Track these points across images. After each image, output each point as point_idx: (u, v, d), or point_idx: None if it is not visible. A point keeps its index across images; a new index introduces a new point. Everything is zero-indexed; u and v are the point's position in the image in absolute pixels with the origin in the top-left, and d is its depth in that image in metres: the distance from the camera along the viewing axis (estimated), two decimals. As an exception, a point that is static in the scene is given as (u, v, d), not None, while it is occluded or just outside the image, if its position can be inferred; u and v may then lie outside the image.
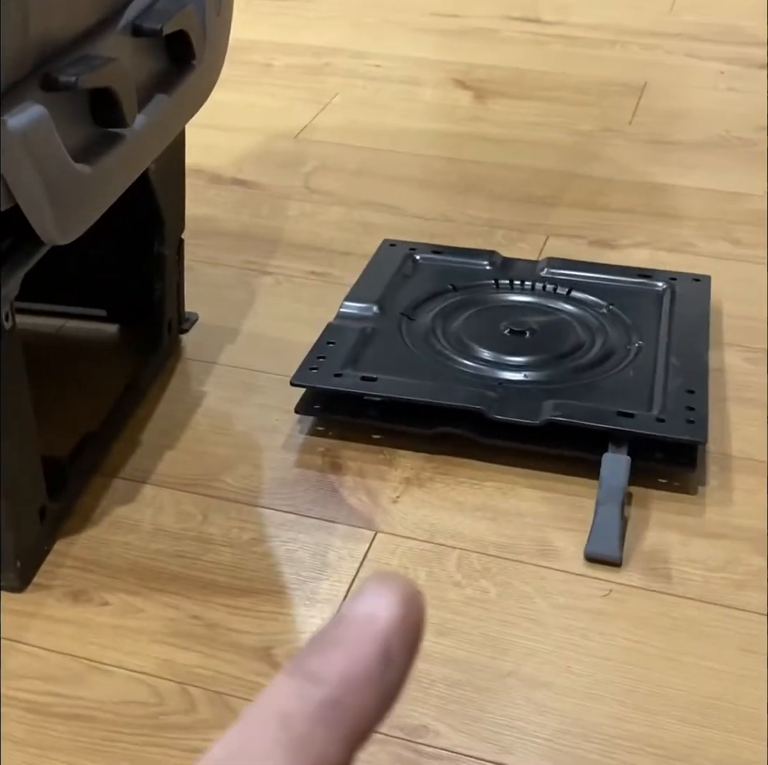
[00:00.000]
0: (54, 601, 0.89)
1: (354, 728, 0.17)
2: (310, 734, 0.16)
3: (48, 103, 0.75)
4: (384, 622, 0.17)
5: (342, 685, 0.17)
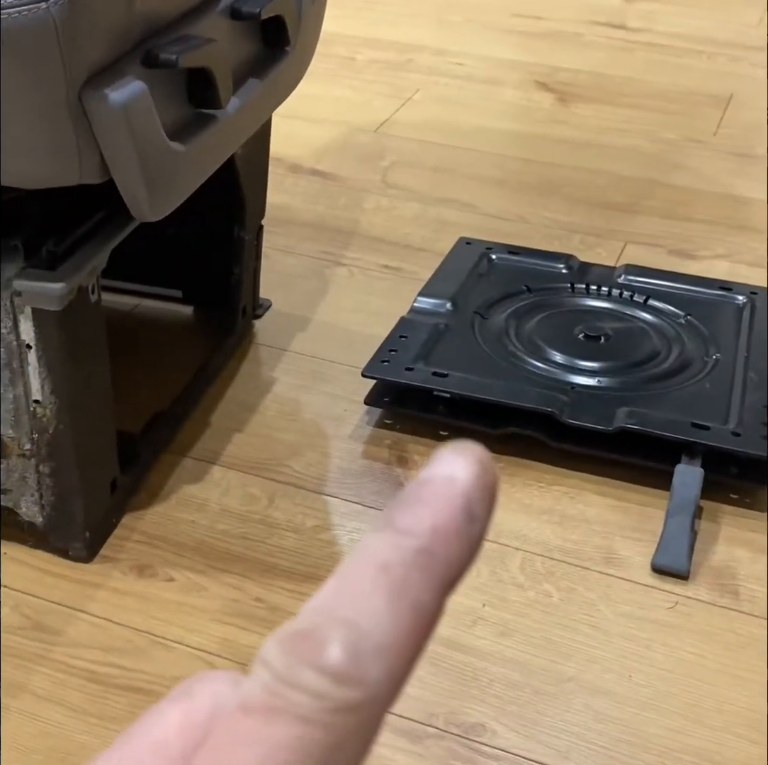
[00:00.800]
0: (119, 574, 0.90)
1: (444, 576, 0.18)
2: (408, 579, 0.17)
3: (147, 79, 0.76)
4: (464, 481, 0.18)
5: (433, 536, 0.17)
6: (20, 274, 0.78)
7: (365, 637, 0.17)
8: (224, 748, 0.17)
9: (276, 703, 0.16)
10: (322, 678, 0.16)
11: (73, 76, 0.69)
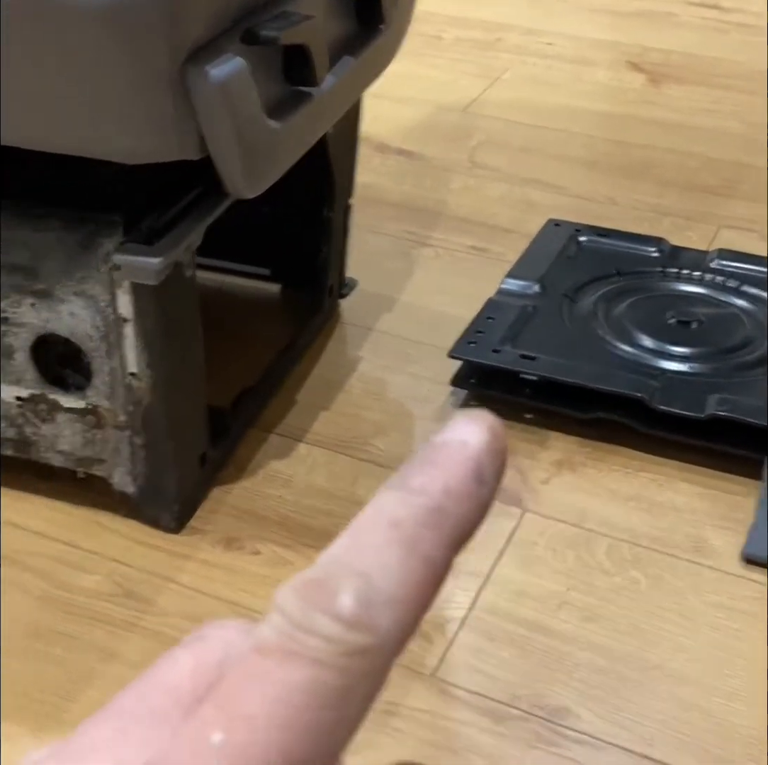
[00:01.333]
0: (207, 546, 0.91)
1: (454, 535, 0.18)
2: (419, 535, 0.18)
3: (246, 56, 0.76)
4: (476, 446, 0.19)
5: (445, 496, 0.18)
6: (119, 249, 0.80)
7: (377, 588, 0.17)
8: (239, 686, 0.17)
9: (291, 646, 0.17)
10: (336, 624, 0.17)
11: (175, 52, 0.70)
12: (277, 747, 0.17)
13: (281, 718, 0.17)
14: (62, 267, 0.81)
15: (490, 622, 0.85)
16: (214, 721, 0.17)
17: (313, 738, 0.17)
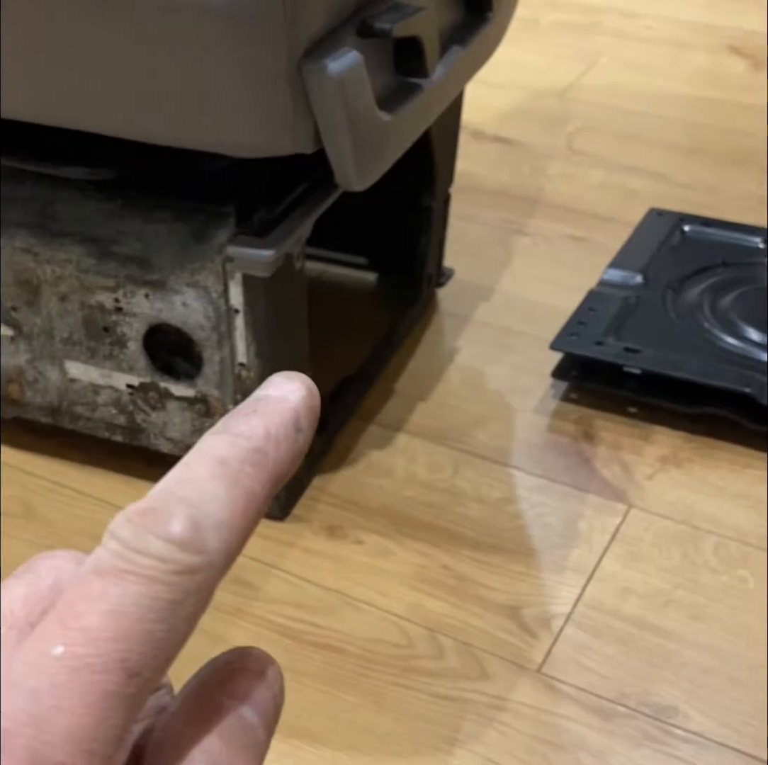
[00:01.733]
0: (311, 534, 0.92)
1: (273, 473, 0.20)
2: (242, 471, 0.20)
3: (361, 49, 0.76)
4: (294, 400, 0.21)
5: (266, 439, 0.20)
6: (232, 241, 0.81)
7: (205, 513, 0.19)
8: (77, 604, 0.18)
9: (126, 566, 0.18)
10: (167, 545, 0.18)
11: (294, 47, 0.70)
12: (114, 656, 0.18)
13: (117, 629, 0.18)
14: (175, 258, 0.82)
15: (596, 619, 0.84)
16: (54, 636, 0.18)
17: (147, 648, 0.18)
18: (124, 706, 0.18)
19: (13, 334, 0.90)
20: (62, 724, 0.17)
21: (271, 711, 0.21)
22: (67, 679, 0.18)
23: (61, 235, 0.85)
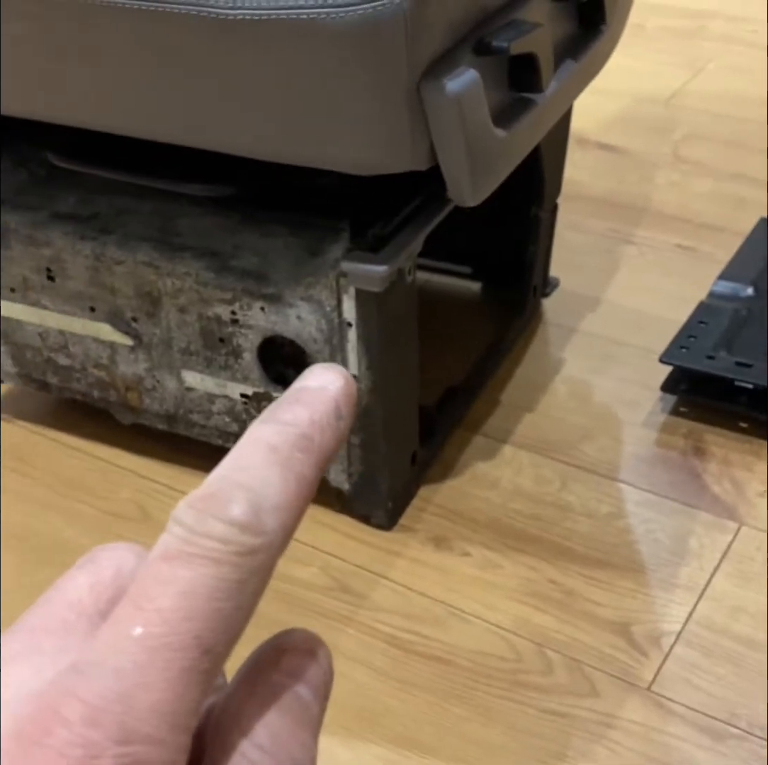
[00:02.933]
0: (417, 544, 0.93)
1: (320, 457, 0.22)
2: (292, 456, 0.21)
3: (477, 66, 0.77)
4: (334, 389, 0.23)
5: (311, 426, 0.22)
6: (346, 256, 0.82)
7: (262, 497, 0.20)
8: (149, 588, 0.19)
9: (191, 549, 0.20)
10: (229, 528, 0.20)
11: (414, 66, 0.71)
12: (189, 634, 0.19)
13: (189, 609, 0.19)
14: (291, 272, 0.84)
15: (706, 638, 0.83)
16: (131, 618, 0.19)
17: (218, 625, 0.19)
18: (200, 681, 0.19)
19: (133, 344, 0.93)
20: (147, 700, 0.19)
21: (322, 687, 0.22)
22: (147, 657, 0.19)
23: (181, 249, 0.87)
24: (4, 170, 0.96)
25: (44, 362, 0.98)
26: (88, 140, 0.89)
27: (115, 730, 0.18)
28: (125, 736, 0.19)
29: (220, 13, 0.70)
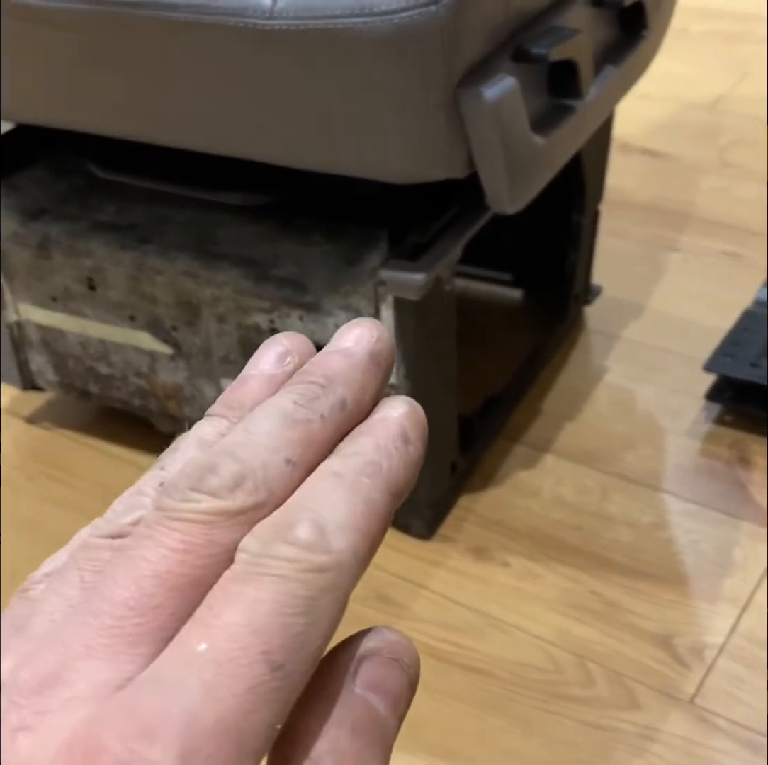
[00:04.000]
0: (457, 554, 0.92)
1: (389, 482, 0.21)
2: (358, 481, 0.21)
3: (515, 73, 0.76)
4: (397, 415, 0.22)
5: (377, 452, 0.21)
6: (384, 265, 0.82)
7: (327, 519, 0.20)
8: (215, 607, 0.19)
9: (258, 570, 0.19)
10: (295, 548, 0.19)
11: (451, 74, 0.71)
12: (256, 649, 0.18)
13: (257, 623, 0.18)
14: (329, 281, 0.84)
15: (750, 651, 0.82)
16: (196, 635, 0.19)
17: (287, 641, 0.19)
18: (270, 700, 0.18)
19: (172, 353, 0.94)
20: (211, 717, 0.18)
21: (404, 700, 0.21)
22: (213, 673, 0.18)
23: (219, 258, 0.88)
24: (46, 181, 0.97)
25: (85, 371, 0.99)
26: (128, 150, 0.90)
27: (175, 748, 0.17)
28: (185, 756, 0.17)
29: (257, 23, 0.70)
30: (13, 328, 1.00)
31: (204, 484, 0.20)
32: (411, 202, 0.87)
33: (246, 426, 0.22)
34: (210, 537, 0.20)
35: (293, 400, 0.22)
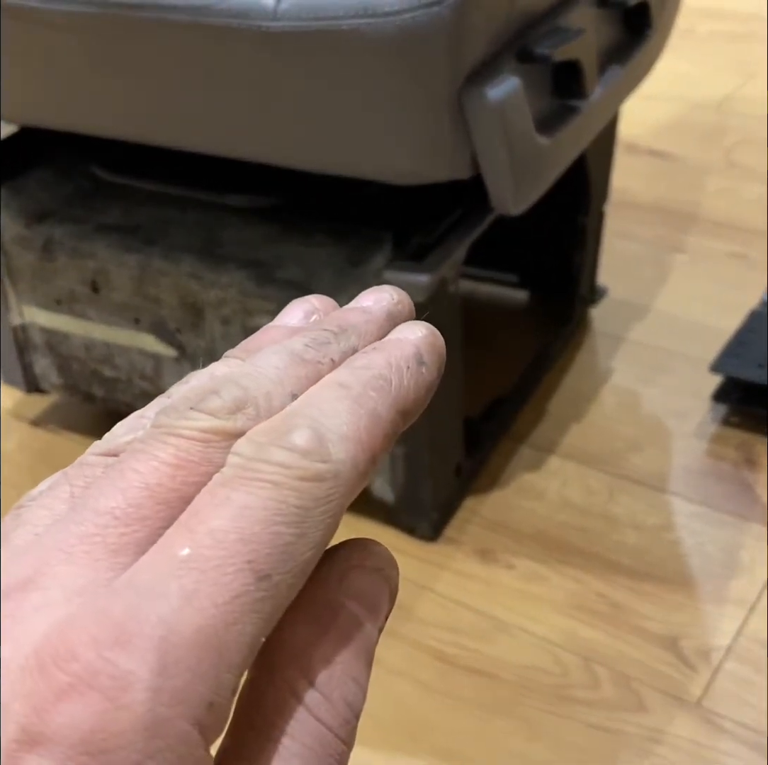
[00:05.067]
0: (462, 556, 0.92)
1: (397, 399, 0.20)
2: (365, 394, 0.20)
3: (520, 74, 0.76)
4: (414, 338, 0.21)
5: (387, 367, 0.20)
6: (389, 266, 0.82)
7: (328, 427, 0.19)
8: (202, 510, 0.18)
9: (249, 474, 0.18)
10: (290, 453, 0.18)
11: (455, 74, 0.71)
12: (242, 557, 0.17)
13: (244, 530, 0.17)
14: (334, 282, 0.84)
15: (757, 653, 0.81)
16: (180, 540, 0.17)
17: (275, 550, 0.18)
18: (254, 611, 0.17)
19: (177, 355, 0.93)
20: (191, 625, 0.17)
21: (384, 611, 0.21)
22: (194, 580, 0.17)
23: (224, 260, 0.88)
24: (51, 183, 0.97)
25: (90, 374, 0.99)
26: (132, 152, 0.90)
27: (151, 659, 0.16)
28: (162, 667, 0.16)
29: (260, 24, 0.70)
30: (18, 330, 1.00)
31: (204, 405, 0.19)
32: (415, 204, 0.87)
33: (254, 360, 0.21)
34: (205, 455, 0.19)
35: (304, 343, 0.21)
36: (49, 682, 0.16)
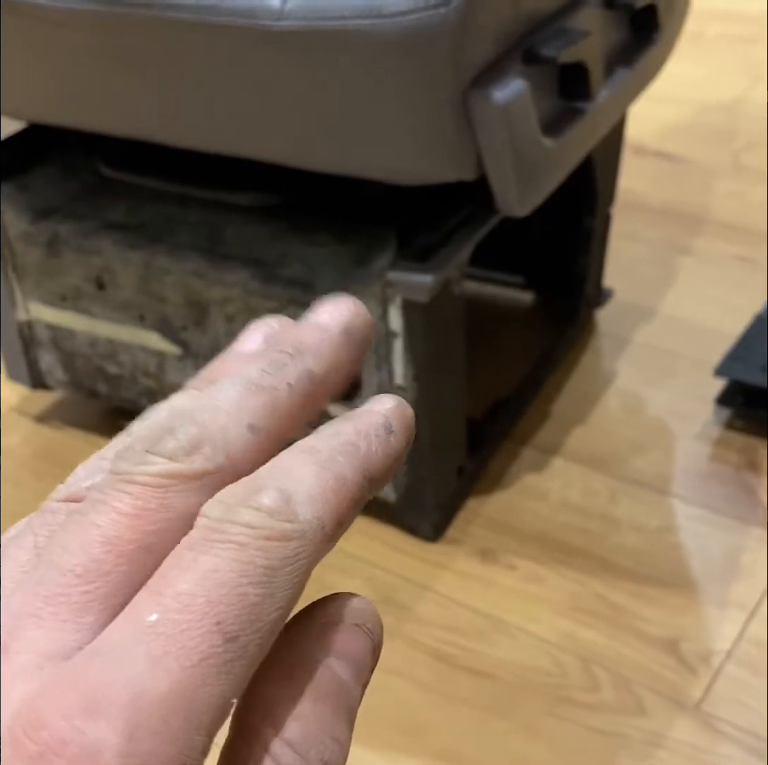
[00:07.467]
0: (463, 556, 0.92)
1: (365, 464, 0.20)
2: (333, 458, 0.20)
3: (525, 75, 0.76)
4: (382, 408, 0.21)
5: (356, 434, 0.20)
6: (393, 266, 0.82)
7: (294, 489, 0.19)
8: (168, 575, 0.18)
9: (215, 536, 0.18)
10: (257, 513, 0.18)
11: (460, 75, 0.71)
12: (209, 619, 0.17)
13: (211, 592, 0.17)
14: (337, 281, 0.84)
15: (757, 657, 0.81)
16: (147, 605, 0.18)
17: (243, 612, 0.18)
18: (223, 672, 0.17)
19: (181, 353, 0.94)
20: (159, 688, 0.17)
21: (368, 666, 0.20)
22: (162, 644, 0.17)
23: (228, 258, 0.88)
24: (56, 180, 0.98)
25: (94, 370, 0.99)
26: (138, 150, 0.90)
27: (120, 724, 0.16)
28: (132, 731, 0.16)
29: (266, 24, 0.70)
30: (23, 326, 1.00)
31: (160, 447, 0.19)
32: (420, 204, 0.87)
33: (210, 391, 0.21)
34: (163, 501, 0.19)
35: (260, 369, 0.21)
36: (21, 751, 0.16)
